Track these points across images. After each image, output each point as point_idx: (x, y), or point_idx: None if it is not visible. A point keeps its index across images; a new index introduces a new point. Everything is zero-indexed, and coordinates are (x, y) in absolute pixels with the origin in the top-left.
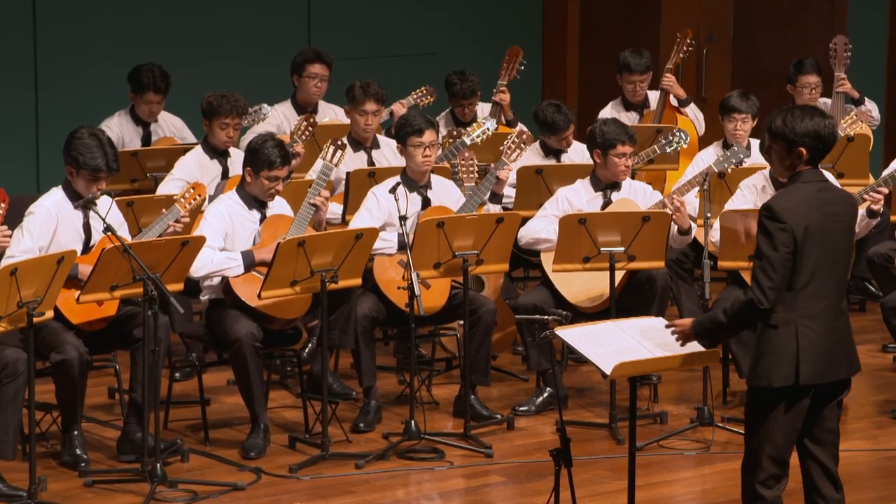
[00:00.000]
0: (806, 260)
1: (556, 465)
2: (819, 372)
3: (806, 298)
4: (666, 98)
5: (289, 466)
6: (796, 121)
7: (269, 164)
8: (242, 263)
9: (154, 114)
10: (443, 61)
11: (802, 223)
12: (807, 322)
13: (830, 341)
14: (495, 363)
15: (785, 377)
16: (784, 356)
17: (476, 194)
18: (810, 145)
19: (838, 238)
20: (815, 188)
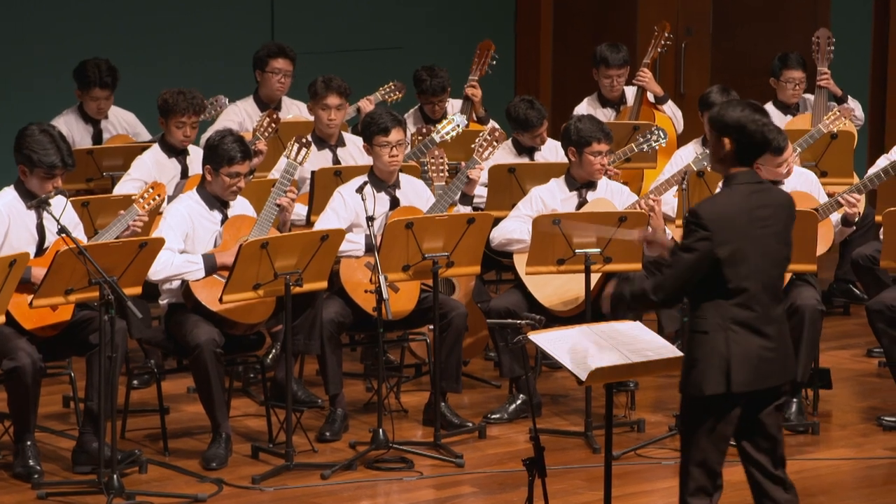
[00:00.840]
0: (736, 267)
1: (529, 474)
2: (750, 380)
3: (736, 305)
4: (643, 94)
5: (252, 477)
6: (728, 110)
7: (228, 160)
8: (203, 266)
9: (103, 110)
10: (411, 56)
11: (729, 231)
12: (737, 329)
13: (762, 348)
14: (466, 369)
15: (716, 385)
16: (715, 364)
17: (446, 194)
18: (735, 138)
19: (768, 243)
20: (748, 190)
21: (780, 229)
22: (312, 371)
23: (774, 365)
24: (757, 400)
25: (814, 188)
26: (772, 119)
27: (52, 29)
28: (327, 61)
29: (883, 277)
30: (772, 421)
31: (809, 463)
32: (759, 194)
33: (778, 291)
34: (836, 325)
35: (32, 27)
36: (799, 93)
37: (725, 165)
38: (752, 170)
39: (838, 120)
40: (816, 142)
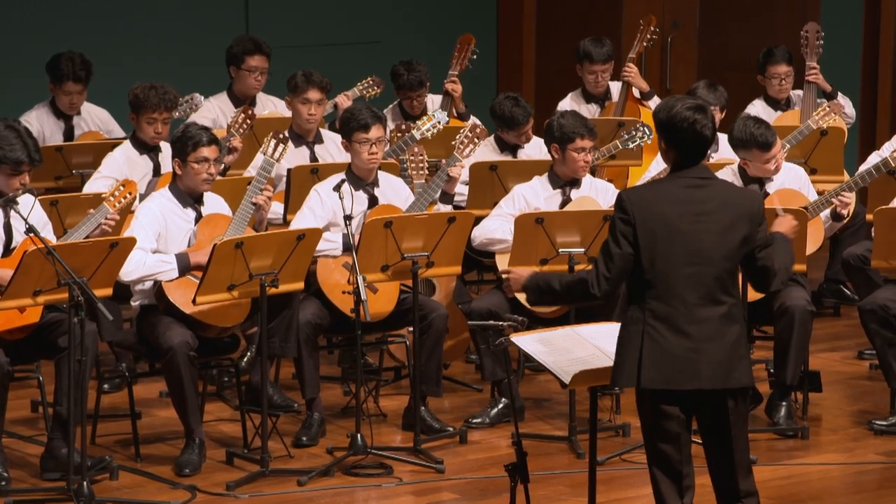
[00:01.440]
0: (656, 258)
1: (511, 480)
2: (666, 377)
3: (656, 298)
4: (628, 90)
5: (226, 484)
6: (668, 105)
7: (193, 145)
8: (176, 266)
9: (75, 105)
10: (389, 50)
11: (653, 218)
12: (654, 323)
13: (683, 347)
14: (447, 372)
15: (628, 378)
16: (630, 357)
17: (426, 192)
18: (666, 138)
19: (700, 239)
20: (684, 184)
21: (719, 227)
22: (288, 375)
23: (697, 366)
24: (701, 402)
25: (803, 185)
26: (760, 115)
27: (24, 24)
28: (303, 56)
29: (874, 277)
30: (724, 426)
31: (799, 468)
32: (698, 190)
33: (712, 291)
34: (827, 327)
35: (4, 21)
36: (787, 87)
37: (668, 159)
38: (702, 166)
39: (828, 116)
40: (806, 138)
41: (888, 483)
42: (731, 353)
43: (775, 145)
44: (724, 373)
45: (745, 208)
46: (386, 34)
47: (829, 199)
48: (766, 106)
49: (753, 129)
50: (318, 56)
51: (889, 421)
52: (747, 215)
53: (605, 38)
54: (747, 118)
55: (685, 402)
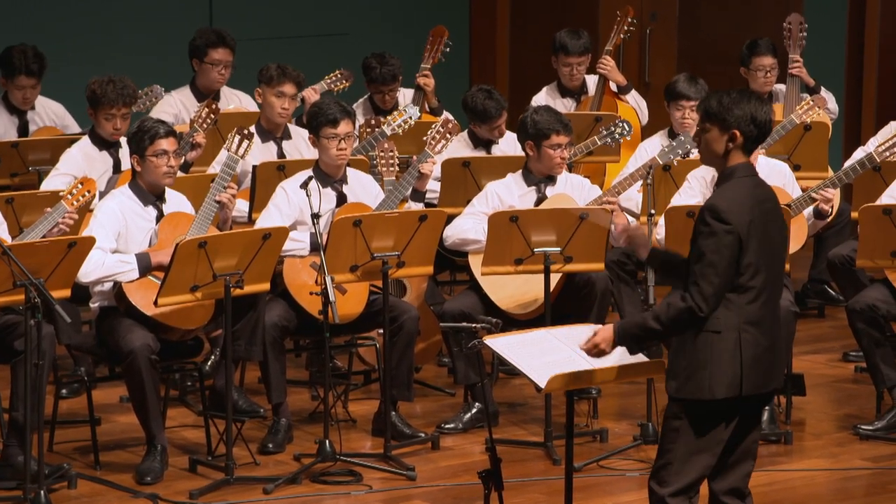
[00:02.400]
0: (749, 261)
1: (485, 488)
2: (760, 382)
3: (749, 303)
4: (605, 83)
5: (189, 492)
6: (733, 102)
7: (151, 138)
8: (137, 267)
9: (29, 100)
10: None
11: (746, 223)
12: (750, 329)
13: (772, 349)
14: (418, 376)
15: (728, 388)
16: (727, 365)
17: (397, 189)
18: (745, 129)
19: (776, 237)
20: (752, 183)
21: (781, 224)
22: (254, 379)
23: (780, 367)
24: (751, 405)
25: (787, 182)
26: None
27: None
28: (269, 48)
29: (861, 278)
30: (758, 425)
31: (782, 474)
32: (761, 188)
33: (781, 289)
34: (811, 328)
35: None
36: (771, 80)
37: (726, 159)
38: (749, 161)
39: (811, 110)
40: (789, 133)
41: (875, 490)
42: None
43: None
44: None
45: (779, 202)
46: (354, 26)
47: (813, 196)
48: None
49: None
50: (285, 49)
51: (875, 425)
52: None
53: (582, 30)
54: None
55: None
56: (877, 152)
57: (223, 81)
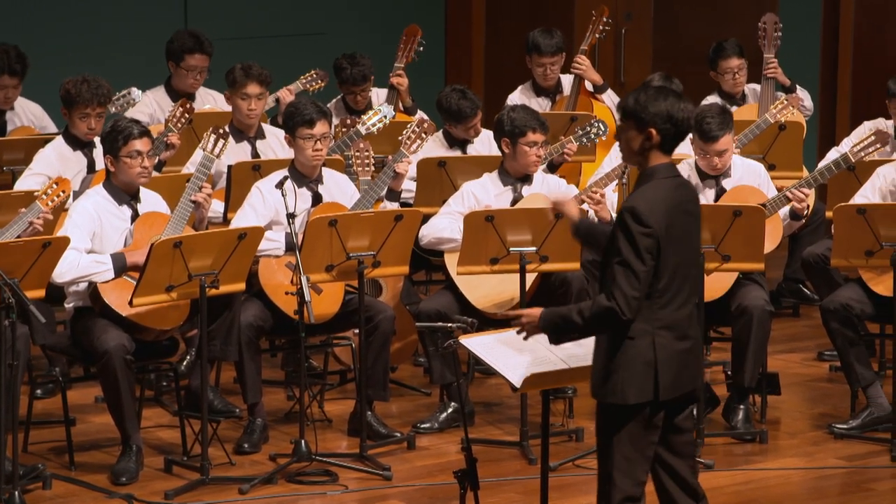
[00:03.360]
0: (666, 265)
1: (461, 487)
2: (676, 385)
3: (663, 306)
4: (581, 83)
5: (164, 492)
6: (649, 100)
7: (124, 139)
8: (112, 267)
9: (10, 99)
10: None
11: (664, 225)
12: (664, 332)
13: (687, 352)
14: (394, 376)
15: (640, 393)
16: (641, 370)
17: (372, 189)
18: (661, 127)
19: (694, 240)
20: (673, 184)
21: (699, 226)
22: (230, 379)
23: (696, 368)
24: (677, 405)
25: (762, 182)
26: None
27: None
28: (244, 48)
29: (835, 277)
30: (689, 425)
31: (757, 473)
32: (682, 189)
33: (696, 291)
34: (785, 327)
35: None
36: (741, 81)
37: (646, 158)
38: (671, 161)
39: (786, 109)
40: (764, 133)
41: (849, 489)
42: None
43: (719, 140)
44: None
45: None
46: (330, 25)
47: (788, 196)
48: (722, 102)
49: (706, 115)
50: (260, 48)
51: (849, 424)
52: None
53: (556, 30)
54: (711, 105)
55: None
56: (851, 152)
57: (197, 87)
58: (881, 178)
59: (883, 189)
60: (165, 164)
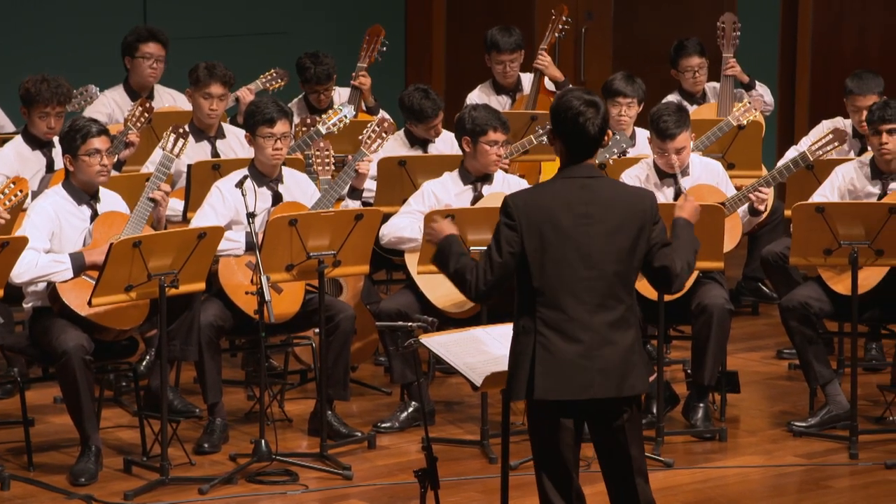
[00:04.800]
0: (546, 263)
1: (421, 487)
2: (559, 387)
3: (547, 306)
4: (541, 81)
5: (124, 493)
6: (562, 94)
7: (83, 138)
8: (71, 267)
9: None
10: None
11: (540, 222)
12: (546, 331)
13: (575, 354)
14: (355, 375)
15: (519, 390)
16: (522, 368)
17: (333, 189)
18: (553, 128)
19: (588, 242)
20: (575, 185)
21: (608, 228)
22: (189, 379)
23: (590, 374)
24: (595, 411)
25: (721, 180)
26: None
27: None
28: (204, 47)
29: (794, 275)
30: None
31: (716, 471)
32: (586, 190)
33: (603, 296)
34: (745, 326)
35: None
36: (701, 80)
37: (562, 157)
38: (589, 165)
39: (748, 112)
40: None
41: (807, 486)
42: (626, 359)
43: (676, 138)
44: (617, 380)
45: (634, 208)
46: (291, 25)
47: (747, 195)
48: (681, 100)
49: (662, 113)
50: (221, 47)
51: (808, 422)
52: (638, 215)
53: (514, 28)
54: (668, 104)
55: (578, 412)
56: (810, 151)
57: (155, 77)
58: (839, 177)
59: (841, 188)
60: (125, 164)
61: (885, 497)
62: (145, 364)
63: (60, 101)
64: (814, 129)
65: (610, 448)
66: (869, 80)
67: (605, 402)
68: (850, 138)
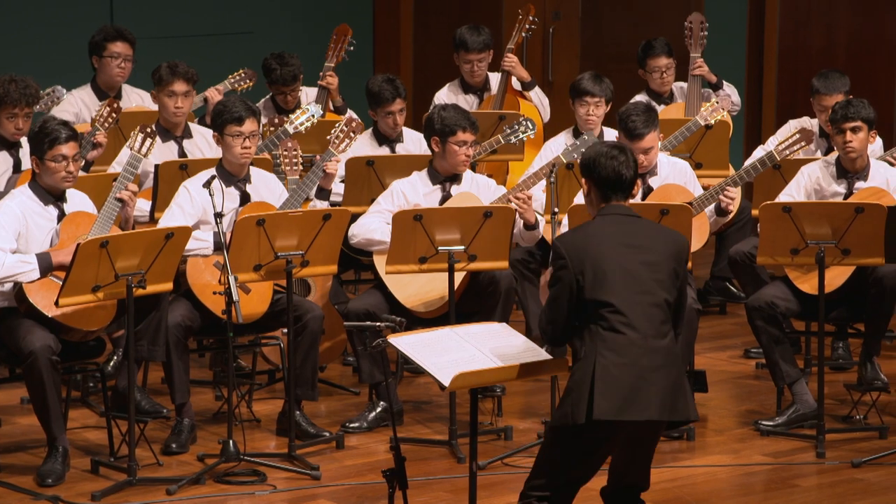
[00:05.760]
0: (602, 292)
1: (389, 487)
2: (617, 407)
3: (606, 330)
4: (508, 81)
5: (91, 494)
6: (587, 152)
7: (50, 143)
8: (38, 267)
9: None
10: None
11: (590, 257)
12: (606, 354)
13: (634, 376)
14: (323, 375)
15: (579, 413)
16: (582, 391)
17: (301, 189)
18: (587, 177)
19: (636, 269)
20: (613, 220)
21: (654, 259)
22: (157, 379)
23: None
24: (629, 434)
25: (688, 180)
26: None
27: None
28: (171, 47)
29: (762, 275)
30: (644, 456)
31: (684, 470)
32: (630, 224)
33: (656, 322)
34: (713, 325)
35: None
36: (669, 80)
37: (592, 205)
38: (627, 206)
39: (717, 112)
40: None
41: (774, 485)
42: (676, 385)
43: (644, 138)
44: (671, 404)
45: (673, 245)
46: (258, 24)
47: (715, 195)
48: (649, 100)
49: (631, 113)
50: (188, 47)
51: (775, 421)
52: (675, 252)
53: (483, 27)
54: (636, 103)
55: (626, 434)
56: (777, 151)
57: (123, 76)
58: (805, 177)
59: (807, 187)
60: (93, 164)
61: (851, 496)
62: (112, 364)
63: (29, 102)
64: (781, 128)
65: (633, 460)
66: (835, 80)
67: (652, 424)
68: (817, 138)
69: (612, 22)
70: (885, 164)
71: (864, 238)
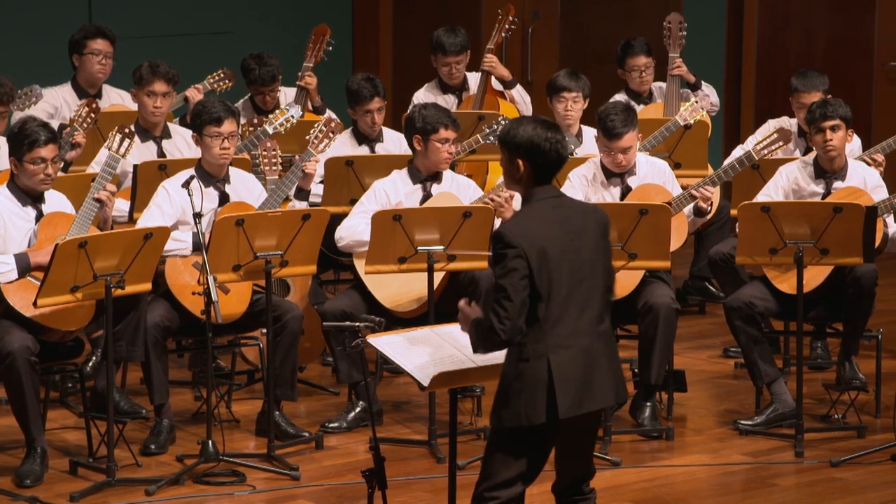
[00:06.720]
0: (550, 284)
1: (369, 487)
2: (578, 402)
3: (554, 325)
4: (487, 81)
5: (70, 494)
6: (518, 130)
7: (29, 145)
8: (15, 267)
9: None
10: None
11: (537, 246)
12: (559, 352)
13: (586, 366)
14: (302, 375)
15: (536, 414)
16: (537, 391)
17: (280, 189)
18: (527, 158)
19: (581, 257)
20: (550, 205)
21: (593, 243)
22: (136, 379)
23: (603, 383)
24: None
25: (667, 179)
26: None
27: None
28: (151, 47)
29: (741, 274)
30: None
31: (663, 470)
32: (564, 209)
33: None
34: (692, 325)
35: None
36: (648, 80)
37: (524, 186)
38: (552, 185)
39: (696, 112)
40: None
41: (753, 484)
42: (617, 368)
43: (623, 137)
44: (616, 388)
45: (600, 221)
46: (237, 24)
47: (693, 194)
48: (628, 100)
49: (609, 112)
50: (167, 47)
51: (754, 421)
52: (603, 228)
53: (460, 28)
54: (615, 103)
55: (576, 425)
56: (755, 150)
57: (105, 72)
58: (783, 177)
59: (785, 188)
60: (71, 164)
61: (830, 495)
62: (91, 365)
63: (3, 101)
64: (759, 128)
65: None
66: (814, 78)
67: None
68: (796, 137)
69: (591, 22)
70: (862, 164)
71: (843, 238)
